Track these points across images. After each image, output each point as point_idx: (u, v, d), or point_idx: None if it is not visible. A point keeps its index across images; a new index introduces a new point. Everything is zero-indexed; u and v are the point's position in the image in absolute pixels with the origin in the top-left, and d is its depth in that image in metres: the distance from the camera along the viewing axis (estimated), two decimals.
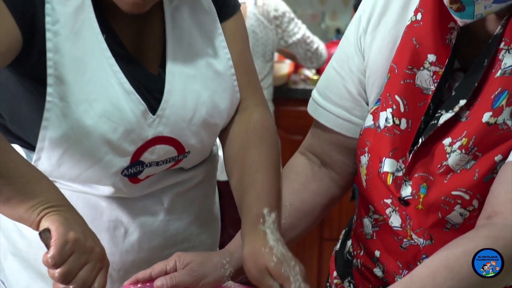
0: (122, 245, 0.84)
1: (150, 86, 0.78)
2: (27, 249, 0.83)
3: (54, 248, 0.62)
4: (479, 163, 0.67)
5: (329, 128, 0.81)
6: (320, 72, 2.25)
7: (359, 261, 0.83)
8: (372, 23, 0.77)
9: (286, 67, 2.23)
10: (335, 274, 0.90)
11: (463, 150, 0.67)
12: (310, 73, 2.34)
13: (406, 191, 0.72)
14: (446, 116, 0.69)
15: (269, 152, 0.83)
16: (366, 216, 0.81)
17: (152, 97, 0.78)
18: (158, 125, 0.78)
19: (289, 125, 2.13)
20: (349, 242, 0.89)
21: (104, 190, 0.80)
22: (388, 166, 0.72)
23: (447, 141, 0.69)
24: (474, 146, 0.67)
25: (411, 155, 0.71)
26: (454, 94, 0.70)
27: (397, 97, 0.72)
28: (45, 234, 0.63)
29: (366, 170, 0.77)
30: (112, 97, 0.73)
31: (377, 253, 0.79)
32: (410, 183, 0.71)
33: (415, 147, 0.71)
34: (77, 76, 0.71)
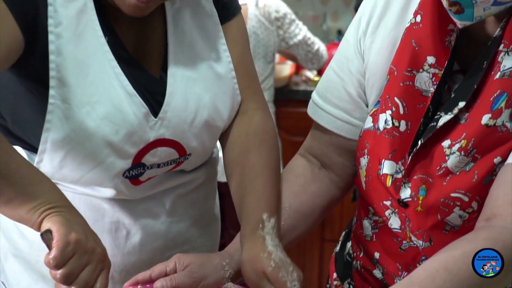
0: (124, 246, 0.84)
1: (151, 89, 0.78)
2: (29, 250, 0.84)
3: (56, 249, 0.62)
4: (478, 165, 0.67)
5: (329, 130, 0.81)
6: (321, 73, 2.24)
7: (359, 262, 0.83)
8: (371, 25, 0.77)
9: (287, 69, 2.22)
10: (335, 275, 0.90)
11: (462, 152, 0.68)
12: (311, 74, 2.34)
13: (405, 193, 0.72)
14: (445, 118, 0.69)
15: (269, 156, 0.83)
16: (366, 217, 0.81)
17: (153, 99, 0.78)
18: (160, 127, 0.78)
19: (290, 126, 2.13)
20: (349, 244, 0.89)
21: (105, 192, 0.80)
22: (387, 168, 0.72)
23: (446, 143, 0.69)
24: (473, 148, 0.67)
25: (410, 157, 0.71)
26: (453, 96, 0.70)
27: (396, 99, 0.72)
28: (46, 235, 0.63)
29: (365, 172, 0.77)
30: (114, 99, 0.73)
31: (376, 254, 0.79)
32: (409, 185, 0.71)
33: (414, 149, 0.71)
34: (79, 78, 0.71)
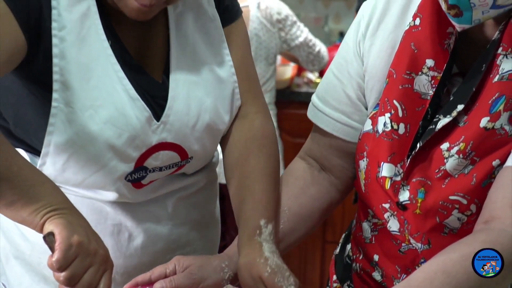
0: (126, 249, 0.84)
1: (154, 93, 0.78)
2: (30, 252, 0.84)
3: (59, 252, 0.63)
4: (477, 168, 0.67)
5: (328, 132, 0.81)
6: (322, 75, 2.24)
7: (358, 265, 0.83)
8: (371, 28, 0.77)
9: (289, 71, 2.21)
10: (335, 278, 0.90)
11: (461, 155, 0.68)
12: (313, 76, 2.33)
13: (404, 196, 0.72)
14: (444, 121, 0.69)
15: (268, 161, 0.83)
16: (365, 220, 0.81)
17: (156, 103, 0.78)
18: (162, 131, 0.78)
19: (292, 128, 2.13)
20: (348, 246, 0.89)
21: (108, 195, 0.81)
22: (386, 170, 0.72)
23: (445, 146, 0.69)
24: (472, 151, 0.67)
25: (409, 160, 0.71)
26: (452, 99, 0.70)
27: (395, 102, 0.72)
28: (49, 238, 0.64)
29: (364, 174, 0.77)
30: (117, 103, 0.73)
31: (376, 257, 0.79)
32: (408, 188, 0.72)
33: (413, 152, 0.71)
34: (82, 82, 0.72)
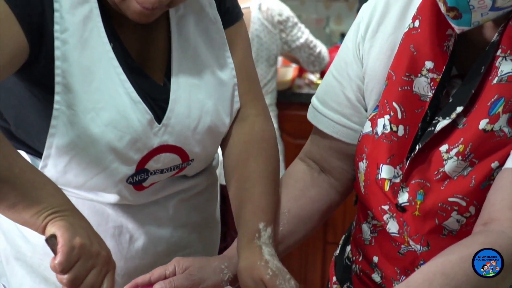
0: (127, 251, 0.85)
1: (155, 96, 0.78)
2: (32, 254, 0.84)
3: (61, 254, 0.63)
4: (476, 170, 0.67)
5: (328, 134, 0.82)
6: (323, 76, 2.24)
7: (358, 266, 0.84)
8: (370, 30, 0.77)
9: (290, 72, 2.21)
10: (335, 279, 0.90)
11: (460, 157, 0.68)
12: (314, 77, 2.33)
13: (403, 198, 0.72)
14: (443, 123, 0.69)
15: (267, 164, 0.83)
16: (365, 222, 0.81)
17: (157, 106, 0.78)
18: (164, 134, 0.78)
19: (293, 129, 2.13)
20: (348, 248, 0.89)
21: (109, 198, 0.81)
22: (385, 172, 0.73)
23: (444, 147, 0.69)
24: (471, 152, 0.67)
25: (408, 162, 0.71)
26: (451, 101, 0.71)
27: (394, 104, 0.72)
28: (51, 240, 0.64)
29: (364, 176, 0.77)
30: (119, 106, 0.74)
31: (375, 258, 0.79)
32: (407, 190, 0.72)
33: (412, 154, 0.71)
34: (84, 84, 0.72)
